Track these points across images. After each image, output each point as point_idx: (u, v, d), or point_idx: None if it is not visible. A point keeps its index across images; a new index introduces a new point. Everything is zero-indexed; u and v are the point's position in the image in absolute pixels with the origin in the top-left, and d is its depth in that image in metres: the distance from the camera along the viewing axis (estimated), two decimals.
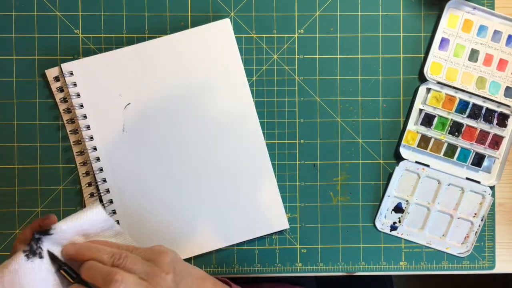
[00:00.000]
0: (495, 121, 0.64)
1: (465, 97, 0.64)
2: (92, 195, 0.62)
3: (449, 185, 0.65)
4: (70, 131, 0.63)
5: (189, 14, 0.64)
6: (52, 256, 0.40)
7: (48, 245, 0.40)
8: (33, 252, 0.39)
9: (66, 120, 0.62)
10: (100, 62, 0.62)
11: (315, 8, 0.64)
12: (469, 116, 0.64)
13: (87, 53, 0.63)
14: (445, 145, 0.64)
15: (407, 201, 0.65)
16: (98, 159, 0.62)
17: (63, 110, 0.62)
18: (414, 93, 0.64)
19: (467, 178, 0.65)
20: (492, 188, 0.65)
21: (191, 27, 0.63)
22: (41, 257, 0.39)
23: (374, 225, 0.65)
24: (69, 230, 0.41)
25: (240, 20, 0.64)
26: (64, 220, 0.41)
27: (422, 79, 0.64)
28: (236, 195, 0.63)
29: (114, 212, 0.62)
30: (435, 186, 0.65)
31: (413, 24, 0.65)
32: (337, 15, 0.64)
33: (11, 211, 0.63)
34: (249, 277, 0.65)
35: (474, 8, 0.64)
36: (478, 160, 0.64)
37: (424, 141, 0.64)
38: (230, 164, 0.63)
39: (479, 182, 0.64)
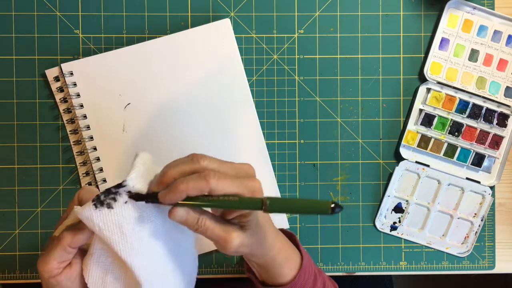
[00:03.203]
0: (495, 121, 0.64)
1: (465, 97, 0.64)
2: None
3: (449, 185, 0.65)
4: (70, 131, 0.63)
5: (189, 14, 0.64)
6: (137, 196, 0.41)
7: (125, 196, 0.41)
8: (100, 202, 0.40)
9: (66, 120, 0.62)
10: (100, 62, 0.62)
11: (315, 8, 0.64)
12: (469, 116, 0.64)
13: (87, 53, 0.63)
14: (445, 145, 0.64)
15: (407, 201, 0.65)
16: (98, 159, 0.62)
17: (63, 110, 0.62)
18: (414, 93, 0.65)
19: (467, 178, 0.65)
20: (492, 188, 0.65)
21: (191, 27, 0.63)
22: (109, 207, 0.40)
23: (374, 225, 0.65)
24: (138, 176, 0.42)
25: (240, 20, 0.64)
26: (130, 172, 0.42)
27: (422, 79, 0.64)
28: None
29: None
30: (435, 186, 0.65)
31: (413, 24, 0.65)
32: (337, 15, 0.64)
33: (11, 211, 0.63)
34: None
35: (474, 8, 0.64)
36: (478, 160, 0.64)
37: (424, 141, 0.64)
38: None
39: (479, 182, 0.64)
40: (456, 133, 0.64)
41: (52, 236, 0.42)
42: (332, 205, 0.38)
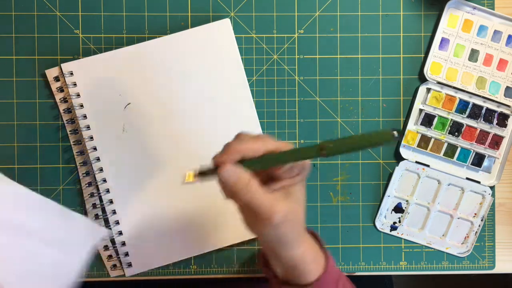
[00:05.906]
0: (495, 121, 0.64)
1: (465, 97, 0.64)
2: (92, 195, 0.62)
3: (449, 185, 0.65)
4: (70, 131, 0.63)
5: (189, 14, 0.64)
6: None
7: None
8: None
9: (66, 120, 0.62)
10: (100, 62, 0.62)
11: (315, 8, 0.64)
12: (469, 116, 0.64)
13: (87, 53, 0.63)
14: (445, 145, 0.64)
15: (407, 201, 0.65)
16: (98, 159, 0.62)
17: (63, 110, 0.62)
18: (414, 93, 0.65)
19: (467, 178, 0.65)
20: (492, 188, 0.65)
21: (191, 27, 0.63)
22: None
23: (374, 225, 0.65)
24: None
25: (240, 20, 0.64)
26: None
27: (422, 79, 0.64)
28: None
29: (114, 212, 0.62)
30: (435, 186, 0.65)
31: (413, 24, 0.65)
32: (337, 15, 0.64)
33: None
34: (250, 277, 0.65)
35: (474, 8, 0.64)
36: (478, 160, 0.64)
37: (424, 141, 0.64)
38: None
39: (479, 182, 0.64)
40: (456, 133, 0.64)
41: None
42: (394, 132, 0.35)
